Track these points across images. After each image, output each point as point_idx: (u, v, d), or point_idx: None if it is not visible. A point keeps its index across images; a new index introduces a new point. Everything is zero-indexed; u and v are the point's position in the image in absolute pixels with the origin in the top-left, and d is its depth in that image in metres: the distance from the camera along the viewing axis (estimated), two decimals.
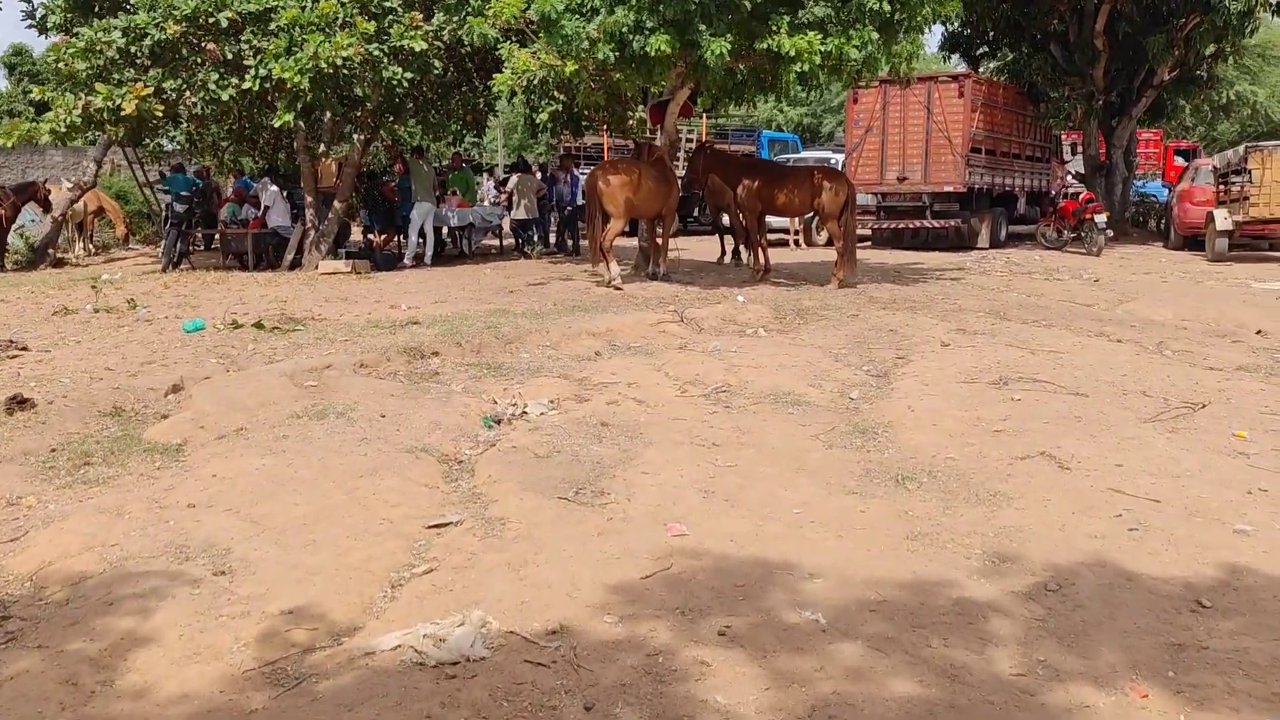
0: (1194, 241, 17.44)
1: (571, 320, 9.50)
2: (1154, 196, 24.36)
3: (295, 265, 15.03)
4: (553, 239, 17.98)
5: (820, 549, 4.31)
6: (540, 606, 3.80)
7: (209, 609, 3.84)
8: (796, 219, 18.38)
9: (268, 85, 13.06)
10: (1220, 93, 32.98)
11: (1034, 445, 5.75)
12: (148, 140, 16.64)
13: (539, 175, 18.74)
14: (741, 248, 14.36)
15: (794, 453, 5.75)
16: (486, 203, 18.77)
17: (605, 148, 21.62)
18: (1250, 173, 15.08)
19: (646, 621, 3.67)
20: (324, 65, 12.63)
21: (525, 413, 6.71)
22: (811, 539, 4.43)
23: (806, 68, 10.71)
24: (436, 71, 13.94)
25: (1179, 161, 28.56)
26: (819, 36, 10.65)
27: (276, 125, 13.29)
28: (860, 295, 11.67)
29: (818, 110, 41.28)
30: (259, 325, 9.10)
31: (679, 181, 12.37)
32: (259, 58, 12.93)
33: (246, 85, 12.99)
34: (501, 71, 11.80)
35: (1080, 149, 22.69)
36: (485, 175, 22.61)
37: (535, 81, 12.16)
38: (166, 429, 6.21)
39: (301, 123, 14.95)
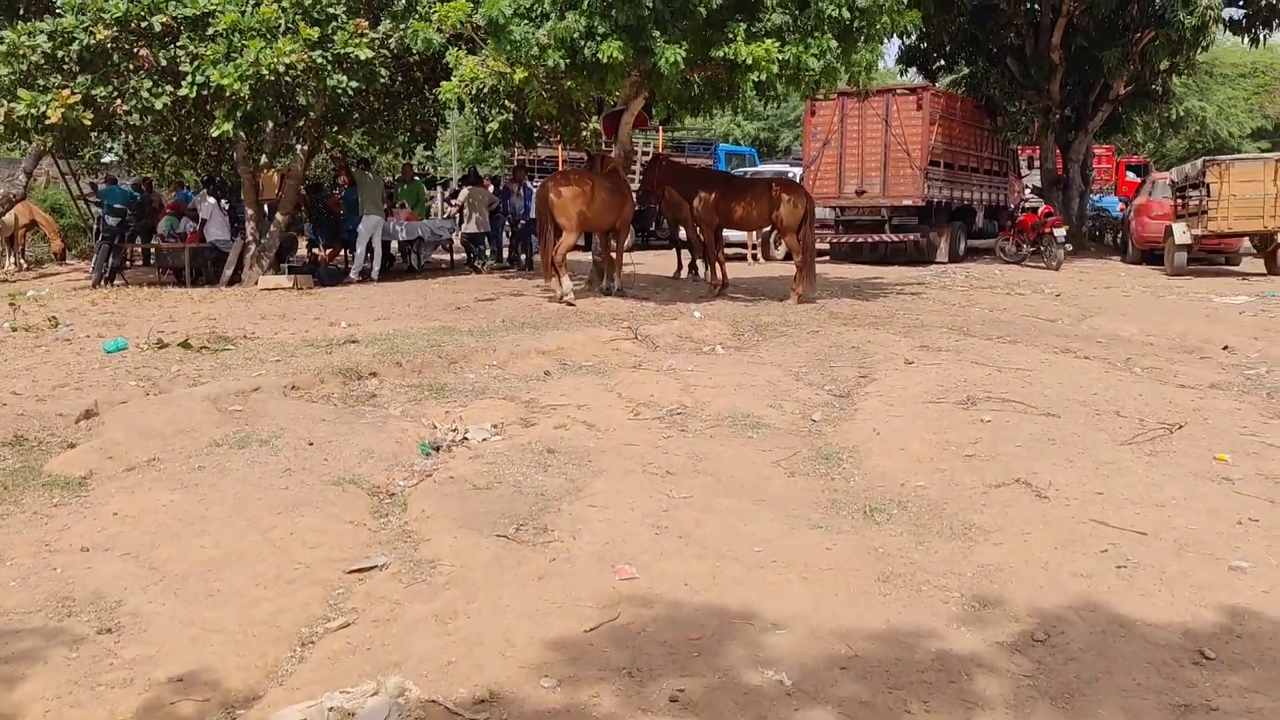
0: (1152, 255, 17.39)
1: (521, 338, 9.05)
2: (1107, 210, 24.45)
3: (235, 281, 14.43)
4: (506, 253, 17.50)
5: (784, 593, 3.90)
6: (469, 668, 3.35)
7: (86, 676, 3.34)
8: (754, 232, 18.07)
9: (205, 93, 12.49)
10: (1170, 109, 33.35)
11: (1008, 471, 5.40)
12: (83, 151, 15.95)
13: (492, 188, 18.28)
14: (699, 262, 14.01)
15: (754, 481, 5.35)
16: (440, 217, 18.28)
17: (560, 160, 21.18)
18: (1208, 186, 15.02)
19: (589, 685, 3.23)
20: (265, 72, 12.12)
21: (466, 439, 6.25)
22: (774, 582, 4.02)
23: (764, 77, 10.39)
24: (383, 80, 13.45)
25: (1131, 176, 28.81)
26: (777, 45, 10.33)
27: (215, 135, 12.70)
28: (820, 311, 11.34)
29: (775, 124, 41.23)
30: (185, 345, 8.54)
31: (634, 194, 11.97)
32: (196, 64, 12.37)
33: (183, 92, 12.43)
34: (450, 80, 11.37)
35: (1037, 163, 22.70)
36: (440, 188, 22.16)
37: (485, 90, 11.72)
38: (71, 460, 5.65)
39: (242, 133, 14.49)
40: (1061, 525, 4.61)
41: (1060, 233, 16.51)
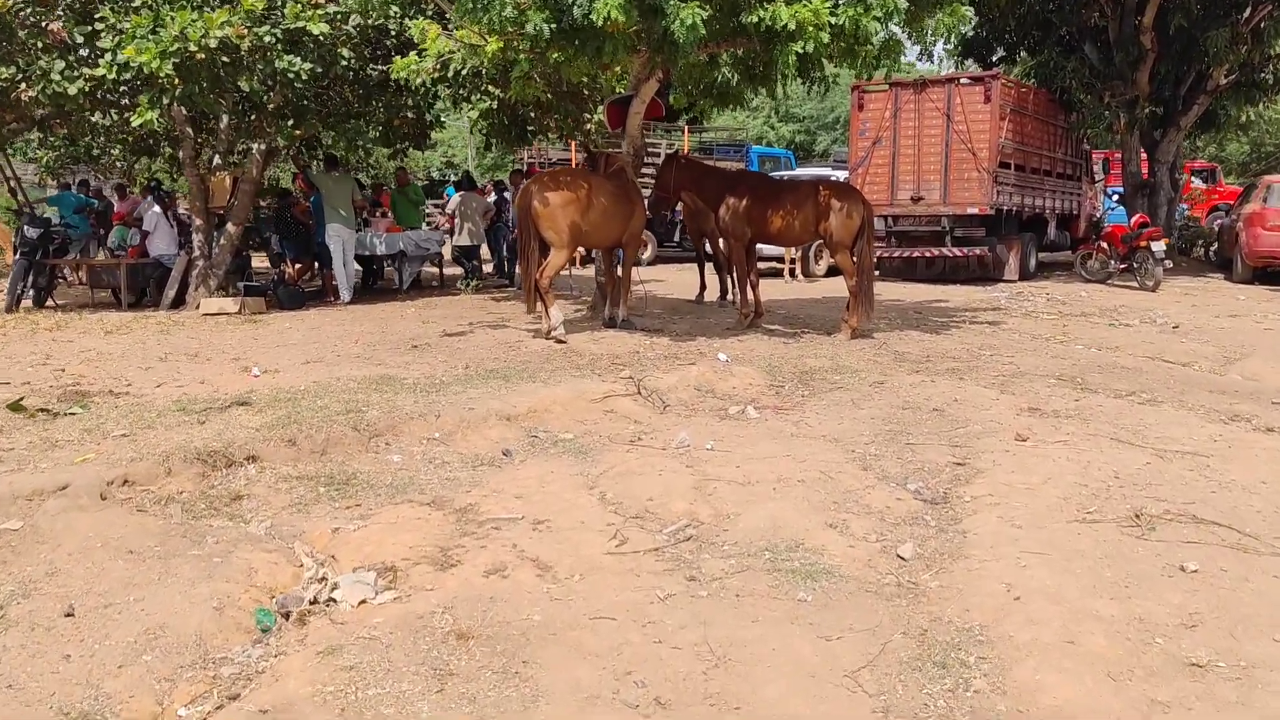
0: (1265, 274, 14.70)
1: (482, 394, 6.65)
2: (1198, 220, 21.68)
3: (179, 303, 12.17)
4: (506, 268, 15.12)
5: None
6: None
7: None
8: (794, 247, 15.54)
9: (127, 75, 10.21)
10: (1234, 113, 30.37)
11: None
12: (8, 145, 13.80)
13: (493, 196, 15.95)
14: (730, 279, 11.51)
15: None
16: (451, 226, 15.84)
17: (574, 161, 18.74)
18: None
19: None
20: (194, 49, 9.85)
21: (333, 599, 3.84)
22: None
23: (810, 47, 7.92)
24: (345, 63, 11.13)
25: (1195, 183, 25.90)
26: (827, 6, 7.88)
27: (135, 125, 10.42)
28: (882, 350, 8.84)
29: (812, 127, 38.66)
30: (16, 407, 6.21)
31: (644, 201, 9.53)
32: (117, 41, 10.11)
33: (99, 72, 10.17)
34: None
35: (1109, 167, 20.02)
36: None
37: (463, 70, 9.36)
38: None
39: (189, 129, 12.26)
40: None
41: (1159, 247, 13.83)
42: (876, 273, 15.78)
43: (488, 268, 15.91)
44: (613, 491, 5.05)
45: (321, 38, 10.50)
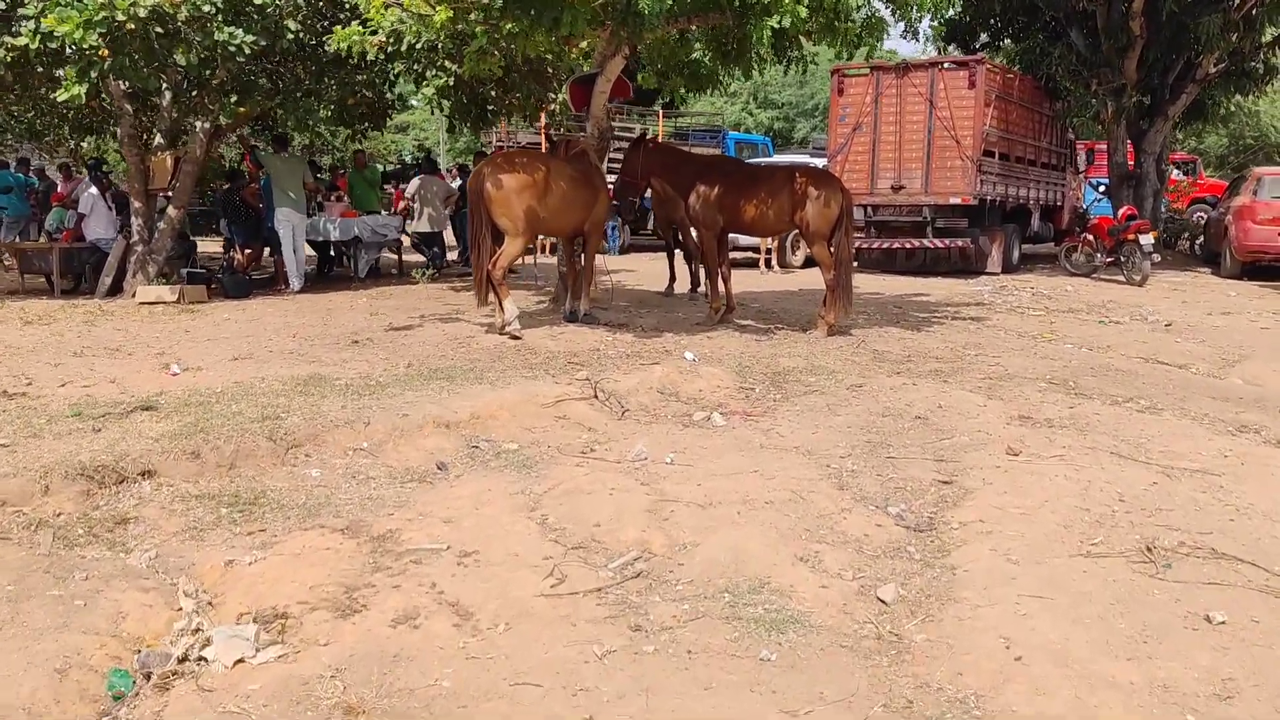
0: (1255, 268, 14.25)
1: (420, 397, 6.02)
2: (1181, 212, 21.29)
3: (116, 290, 11.43)
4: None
5: None
6: None
7: None
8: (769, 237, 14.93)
9: (53, 45, 9.45)
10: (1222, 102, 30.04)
11: None
12: None
13: (458, 180, 15.26)
14: (702, 273, 10.89)
15: None
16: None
17: (544, 145, 17.99)
18: None
19: None
20: (122, 18, 9.12)
21: (204, 658, 3.21)
22: None
23: (786, 21, 7.31)
24: (292, 35, 10.40)
25: (1175, 175, 25.49)
26: None
27: (62, 100, 9.66)
28: (860, 348, 8.27)
29: (790, 114, 38.03)
30: None
31: (608, 187, 8.88)
32: (41, 8, 9.36)
33: (21, 42, 9.41)
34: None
35: (1094, 158, 19.55)
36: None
37: (418, 43, 8.67)
38: None
39: (127, 105, 11.50)
40: None
41: (1148, 241, 13.31)
42: (855, 264, 15.27)
43: (455, 255, 15.25)
44: (556, 514, 4.44)
45: (266, 8, 9.80)
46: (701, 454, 5.36)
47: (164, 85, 11.46)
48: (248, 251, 13.27)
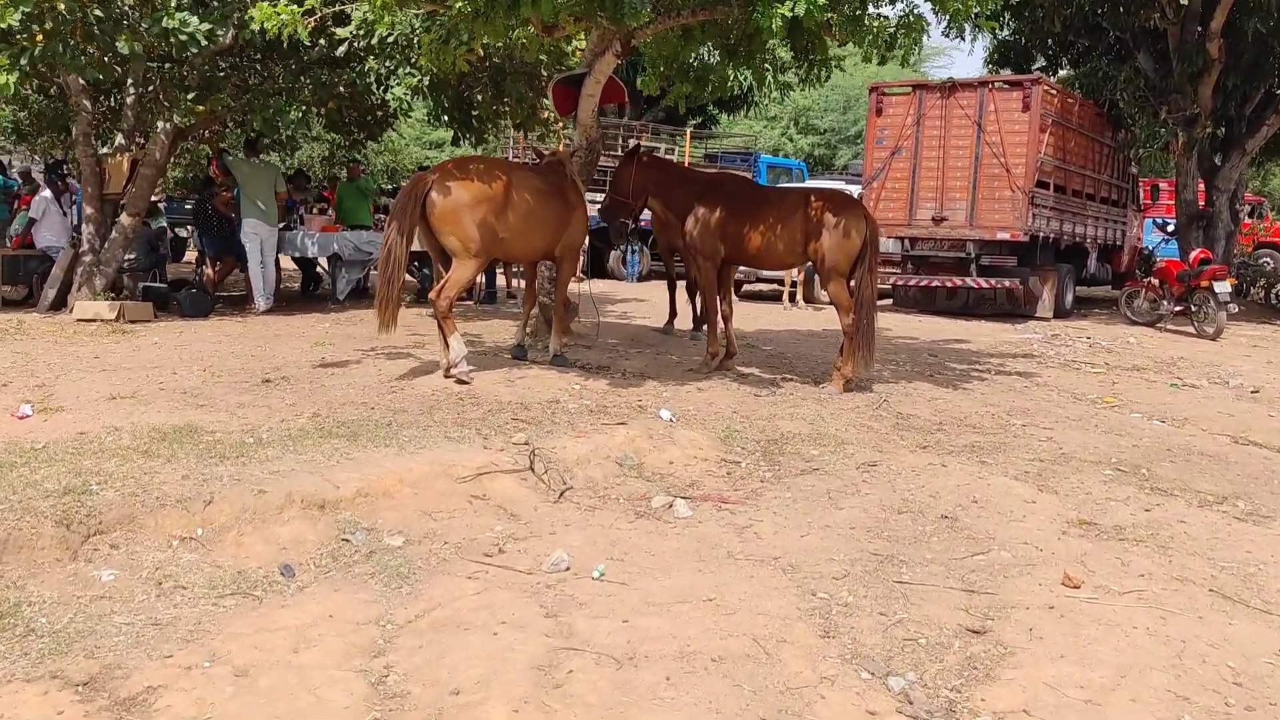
0: None
1: (300, 463, 4.69)
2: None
3: (60, 305, 10.33)
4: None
5: None
6: None
7: None
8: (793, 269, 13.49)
9: None
10: None
11: None
12: None
13: None
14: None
15: None
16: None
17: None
18: None
19: None
20: (56, 3, 8.07)
21: None
22: None
23: (801, 10, 5.95)
24: (256, 29, 9.22)
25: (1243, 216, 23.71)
26: None
27: None
28: (881, 411, 6.81)
29: (832, 140, 36.57)
30: None
31: (585, 205, 7.52)
32: None
33: None
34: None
35: (1159, 195, 17.93)
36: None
37: (389, 35, 7.47)
38: None
39: (85, 101, 10.40)
40: None
41: (1224, 289, 11.73)
42: (887, 300, 13.79)
43: None
44: (404, 668, 3.08)
45: None
46: (646, 565, 3.97)
47: (129, 81, 10.41)
48: (218, 266, 12.11)
